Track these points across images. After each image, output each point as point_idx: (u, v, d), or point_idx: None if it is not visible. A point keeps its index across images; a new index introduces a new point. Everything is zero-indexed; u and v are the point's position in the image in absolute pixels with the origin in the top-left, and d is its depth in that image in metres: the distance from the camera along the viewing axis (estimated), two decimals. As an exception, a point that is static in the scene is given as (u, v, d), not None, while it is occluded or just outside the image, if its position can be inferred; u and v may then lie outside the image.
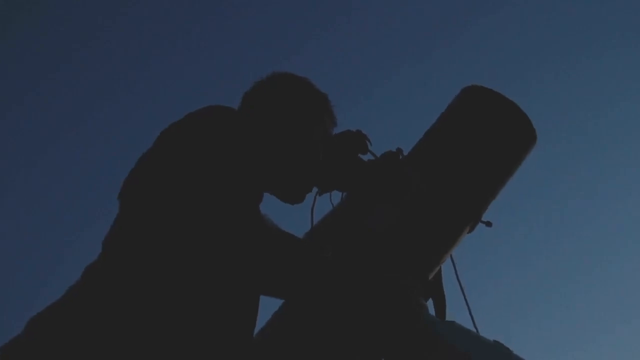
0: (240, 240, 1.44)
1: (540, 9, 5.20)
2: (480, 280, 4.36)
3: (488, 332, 1.70)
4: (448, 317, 1.80)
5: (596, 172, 5.28)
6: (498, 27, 5.34)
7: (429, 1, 5.35)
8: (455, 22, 5.26)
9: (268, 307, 1.74)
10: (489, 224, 1.87)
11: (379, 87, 5.22)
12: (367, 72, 5.29)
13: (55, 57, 5.10)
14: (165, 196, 1.45)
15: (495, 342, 1.52)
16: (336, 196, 1.97)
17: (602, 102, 5.19)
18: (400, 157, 1.91)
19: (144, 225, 1.46)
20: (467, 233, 1.86)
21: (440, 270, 1.85)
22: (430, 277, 1.83)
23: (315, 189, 2.00)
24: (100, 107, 5.12)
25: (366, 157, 1.97)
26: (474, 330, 1.75)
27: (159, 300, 1.41)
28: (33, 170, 4.98)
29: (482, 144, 1.87)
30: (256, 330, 1.63)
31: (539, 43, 5.20)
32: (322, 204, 1.98)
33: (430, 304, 1.82)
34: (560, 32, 5.19)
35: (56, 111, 5.09)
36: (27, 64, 5.08)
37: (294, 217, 1.99)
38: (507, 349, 1.50)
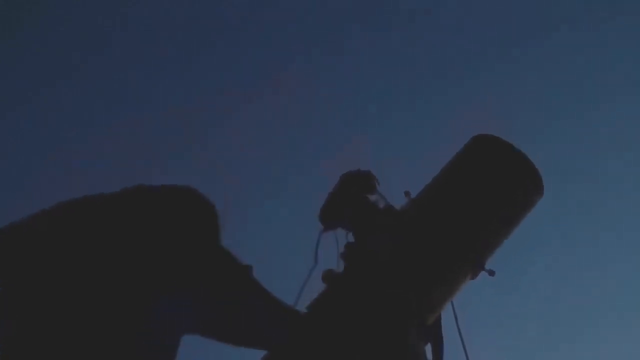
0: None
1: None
2: (479, 330, 4.18)
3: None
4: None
5: (601, 219, 5.01)
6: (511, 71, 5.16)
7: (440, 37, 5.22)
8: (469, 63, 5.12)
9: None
10: (491, 272, 1.89)
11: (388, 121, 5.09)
12: (378, 110, 5.17)
13: (55, 57, 5.09)
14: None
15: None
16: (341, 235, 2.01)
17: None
18: (408, 199, 1.96)
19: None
20: (470, 279, 1.90)
21: (440, 317, 1.89)
22: (430, 321, 1.87)
23: (320, 227, 2.04)
24: (101, 107, 5.12)
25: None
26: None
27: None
28: (33, 170, 4.98)
29: (487, 192, 1.91)
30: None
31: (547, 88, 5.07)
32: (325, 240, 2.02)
33: (428, 349, 1.86)
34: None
35: (56, 111, 5.08)
36: (27, 64, 5.07)
37: (300, 256, 2.02)
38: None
